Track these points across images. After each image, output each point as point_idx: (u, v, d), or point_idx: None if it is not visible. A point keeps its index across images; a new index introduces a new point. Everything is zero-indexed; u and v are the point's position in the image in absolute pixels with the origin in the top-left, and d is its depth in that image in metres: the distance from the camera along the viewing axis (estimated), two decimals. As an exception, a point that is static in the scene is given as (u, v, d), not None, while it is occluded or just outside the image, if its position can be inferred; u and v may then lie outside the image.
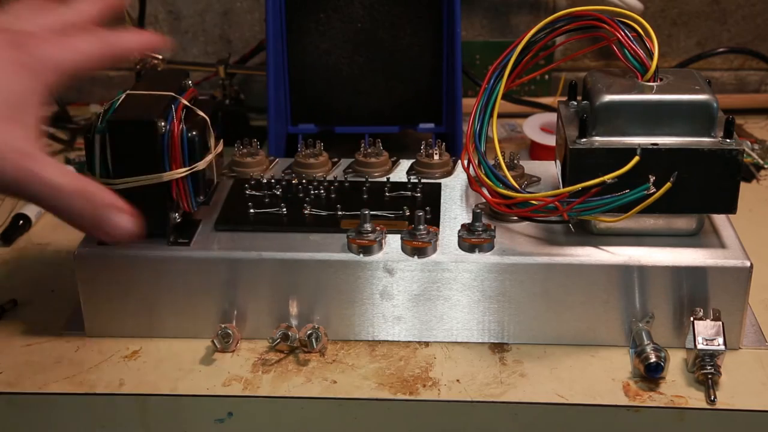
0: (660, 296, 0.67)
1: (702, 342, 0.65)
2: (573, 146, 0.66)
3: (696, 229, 0.69)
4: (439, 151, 0.80)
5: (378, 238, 0.68)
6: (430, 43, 0.94)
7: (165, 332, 0.70)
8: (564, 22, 0.69)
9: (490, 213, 0.72)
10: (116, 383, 0.67)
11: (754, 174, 0.97)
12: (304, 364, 0.68)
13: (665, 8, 1.11)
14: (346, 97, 0.95)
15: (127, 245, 0.69)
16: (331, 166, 0.80)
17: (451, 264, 0.68)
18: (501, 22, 1.13)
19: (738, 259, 0.67)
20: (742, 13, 1.11)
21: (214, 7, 1.13)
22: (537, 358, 0.68)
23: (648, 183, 0.63)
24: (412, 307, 0.69)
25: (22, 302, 0.76)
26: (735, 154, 0.65)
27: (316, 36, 0.93)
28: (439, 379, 0.66)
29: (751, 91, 1.16)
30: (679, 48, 1.13)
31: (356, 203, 0.73)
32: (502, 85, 0.70)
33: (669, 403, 0.64)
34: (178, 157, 0.67)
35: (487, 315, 0.69)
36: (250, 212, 0.73)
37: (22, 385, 0.67)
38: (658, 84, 0.68)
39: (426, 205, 0.72)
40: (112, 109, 0.67)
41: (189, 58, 1.15)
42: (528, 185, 0.76)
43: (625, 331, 0.69)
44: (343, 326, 0.70)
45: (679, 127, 0.66)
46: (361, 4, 0.92)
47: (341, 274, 0.68)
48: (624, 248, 0.68)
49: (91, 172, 0.67)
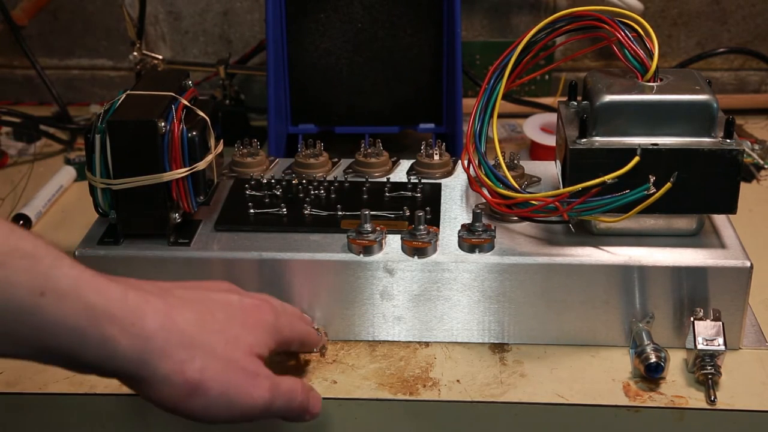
0: (660, 296, 0.67)
1: (702, 342, 0.65)
2: (573, 146, 0.66)
3: (696, 229, 0.69)
4: (439, 151, 0.80)
5: (378, 238, 0.68)
6: (430, 43, 0.94)
7: (165, 332, 0.70)
8: (564, 23, 0.69)
9: (490, 213, 0.72)
10: (116, 383, 0.66)
11: (754, 174, 0.97)
12: (304, 364, 0.68)
13: (665, 8, 1.11)
14: (346, 97, 0.95)
15: (127, 245, 0.69)
16: (331, 166, 0.80)
17: (451, 264, 0.68)
18: (501, 22, 1.13)
19: (738, 259, 0.67)
20: (742, 13, 1.11)
21: (214, 7, 1.13)
22: (537, 358, 0.68)
23: (648, 183, 0.63)
24: (412, 307, 0.69)
25: (22, 302, 0.76)
26: (735, 154, 0.65)
27: (316, 36, 0.93)
28: (439, 379, 0.66)
29: (751, 91, 1.16)
30: (679, 48, 1.13)
31: (356, 203, 0.73)
32: (502, 85, 0.70)
33: (669, 403, 0.64)
34: (178, 157, 0.67)
35: (487, 315, 0.69)
36: (250, 212, 0.73)
37: (22, 385, 0.67)
38: (658, 84, 0.68)
39: (426, 205, 0.72)
40: (112, 109, 0.67)
41: (189, 58, 1.15)
42: (528, 185, 0.76)
43: (625, 331, 0.69)
44: (343, 326, 0.70)
45: (679, 127, 0.66)
46: (361, 4, 0.92)
47: (341, 274, 0.68)
48: (624, 248, 0.68)
49: (91, 172, 0.68)
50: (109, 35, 1.15)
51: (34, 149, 1.05)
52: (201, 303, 0.56)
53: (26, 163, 1.02)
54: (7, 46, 1.15)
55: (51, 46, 1.16)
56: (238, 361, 0.54)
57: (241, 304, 0.58)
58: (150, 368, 0.51)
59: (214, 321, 0.55)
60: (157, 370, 0.51)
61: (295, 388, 0.57)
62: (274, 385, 0.55)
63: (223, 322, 0.55)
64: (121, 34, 1.13)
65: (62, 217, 0.91)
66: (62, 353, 0.49)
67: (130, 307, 0.50)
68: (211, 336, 0.53)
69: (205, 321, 0.54)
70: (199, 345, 0.53)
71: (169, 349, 0.51)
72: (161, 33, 1.14)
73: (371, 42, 0.93)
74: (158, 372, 0.51)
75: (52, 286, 0.47)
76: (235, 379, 0.53)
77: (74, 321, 0.48)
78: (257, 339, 0.56)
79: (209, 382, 0.52)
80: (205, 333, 0.53)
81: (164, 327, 0.51)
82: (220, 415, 0.53)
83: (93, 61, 1.17)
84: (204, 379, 0.52)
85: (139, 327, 0.50)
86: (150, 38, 1.13)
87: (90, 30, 1.15)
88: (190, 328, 0.53)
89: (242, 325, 0.56)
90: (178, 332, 0.52)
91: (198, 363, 0.52)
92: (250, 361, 0.55)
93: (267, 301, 0.60)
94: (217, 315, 0.55)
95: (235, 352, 0.54)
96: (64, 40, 1.16)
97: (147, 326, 0.51)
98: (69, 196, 0.95)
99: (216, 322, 0.55)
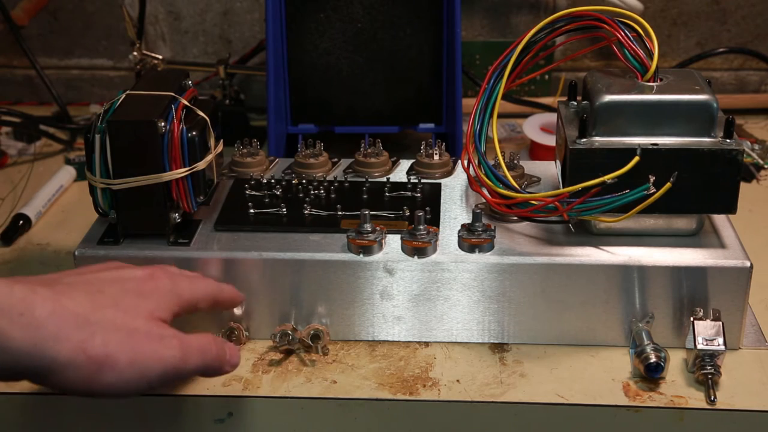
0: (660, 296, 0.67)
1: (702, 342, 0.65)
2: (573, 146, 0.66)
3: (696, 229, 0.69)
4: (439, 151, 0.80)
5: (378, 238, 0.68)
6: (430, 43, 0.94)
7: (165, 332, 0.70)
8: (564, 23, 0.69)
9: (490, 213, 0.72)
10: (116, 383, 0.66)
11: (754, 174, 0.97)
12: (304, 364, 0.68)
13: (665, 8, 1.11)
14: (346, 97, 0.95)
15: (127, 245, 0.69)
16: (331, 166, 0.80)
17: (451, 264, 0.68)
18: (501, 22, 1.13)
19: (738, 259, 0.67)
20: (742, 13, 1.11)
21: (214, 7, 1.13)
22: (537, 358, 0.68)
23: (648, 183, 0.63)
24: (412, 307, 0.69)
25: (22, 302, 0.76)
26: (735, 154, 0.65)
27: (316, 36, 0.93)
28: (439, 379, 0.66)
29: (751, 91, 1.16)
30: (679, 48, 1.13)
31: (356, 203, 0.73)
32: (502, 85, 0.70)
33: (669, 403, 0.64)
34: (178, 157, 0.67)
35: (487, 315, 0.69)
36: (250, 212, 0.73)
37: (22, 385, 0.67)
38: (658, 84, 0.68)
39: (426, 205, 0.72)
40: (112, 109, 0.67)
41: (189, 58, 1.15)
42: (528, 185, 0.76)
43: (625, 331, 0.69)
44: (343, 326, 0.70)
45: (679, 127, 0.66)
46: (361, 4, 0.92)
47: (341, 274, 0.68)
48: (624, 248, 0.68)
49: (91, 172, 0.68)
50: (109, 35, 1.15)
51: (34, 149, 1.05)
52: (90, 284, 0.55)
53: (26, 163, 1.02)
54: (7, 46, 1.15)
55: (51, 46, 1.16)
56: (140, 328, 0.53)
57: (133, 275, 0.57)
58: (48, 356, 0.50)
59: (106, 297, 0.54)
60: (57, 356, 0.50)
61: (206, 341, 0.56)
62: (183, 343, 0.55)
63: (116, 296, 0.54)
64: (120, 34, 1.13)
65: (62, 217, 0.91)
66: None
67: (17, 298, 0.50)
68: (105, 311, 0.53)
69: (96, 299, 0.53)
70: (96, 321, 0.52)
71: (64, 332, 0.50)
72: (161, 33, 1.14)
73: (371, 42, 0.93)
74: (59, 358, 0.50)
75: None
76: (140, 345, 0.53)
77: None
78: (157, 304, 0.56)
79: (115, 354, 0.51)
80: (99, 309, 0.53)
81: (55, 312, 0.51)
82: (135, 385, 0.52)
83: (93, 61, 1.17)
84: (109, 352, 0.51)
85: (28, 317, 0.49)
86: (150, 38, 1.13)
87: (90, 30, 1.15)
88: (82, 309, 0.52)
89: (137, 294, 0.55)
90: (71, 315, 0.51)
91: (98, 338, 0.51)
92: (153, 325, 0.54)
93: (161, 268, 0.59)
94: (109, 291, 0.54)
95: (136, 320, 0.54)
96: (63, 40, 1.16)
97: (37, 314, 0.50)
98: (69, 196, 0.95)
99: (108, 297, 0.54)
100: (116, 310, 0.53)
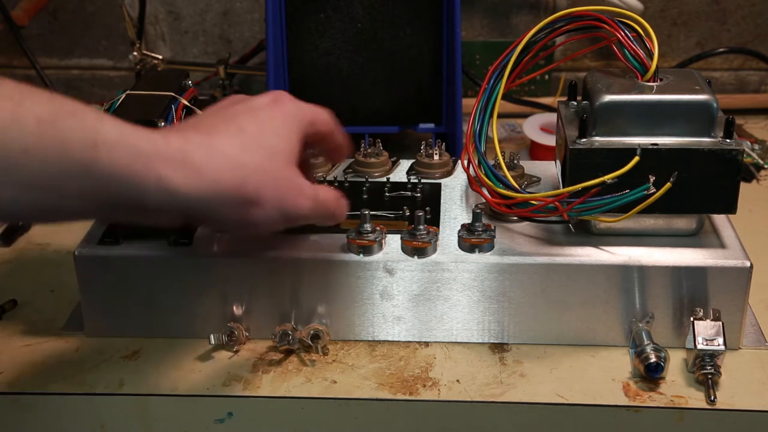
0: (660, 296, 0.67)
1: (702, 342, 0.65)
2: (573, 146, 0.66)
3: (696, 229, 0.69)
4: (439, 151, 0.80)
5: (378, 238, 0.68)
6: (430, 43, 0.94)
7: (165, 332, 0.70)
8: (564, 23, 0.69)
9: (490, 213, 0.72)
10: (116, 383, 0.67)
11: (754, 174, 0.97)
12: (304, 364, 0.68)
13: (665, 8, 1.11)
14: (346, 97, 0.95)
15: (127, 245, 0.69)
16: (331, 166, 0.80)
17: (451, 264, 0.68)
18: (501, 22, 1.13)
19: (738, 259, 0.67)
20: (742, 13, 1.12)
21: (214, 7, 1.13)
22: (537, 358, 0.68)
23: (648, 183, 0.63)
24: (412, 307, 0.69)
25: (22, 302, 0.76)
26: (735, 154, 0.65)
27: (316, 36, 0.93)
28: (439, 379, 0.66)
29: (751, 91, 1.16)
30: (679, 48, 1.13)
31: (356, 203, 0.73)
32: (502, 85, 0.70)
33: (669, 403, 0.64)
34: (178, 157, 0.67)
35: (487, 315, 0.69)
36: (250, 212, 0.73)
37: (22, 385, 0.67)
38: (658, 84, 0.68)
39: (426, 205, 0.72)
40: (112, 109, 0.67)
41: (189, 58, 1.15)
42: (528, 185, 0.76)
43: (625, 331, 0.69)
44: (343, 326, 0.70)
45: (679, 127, 0.66)
46: (361, 4, 0.92)
47: (341, 274, 0.68)
48: (624, 248, 0.68)
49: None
50: (109, 35, 1.15)
51: (34, 149, 1.04)
52: (229, 122, 0.58)
53: (26, 163, 1.02)
54: (7, 46, 1.15)
55: (51, 46, 1.16)
56: (284, 176, 0.58)
57: (261, 104, 0.61)
58: (209, 199, 0.54)
59: (247, 136, 0.57)
60: (216, 197, 0.54)
61: (330, 197, 0.62)
62: (315, 195, 0.60)
63: (256, 134, 0.58)
64: (121, 34, 1.13)
65: (62, 217, 0.91)
66: (127, 203, 0.52)
67: (174, 147, 0.53)
68: (253, 154, 0.57)
69: (242, 140, 0.57)
70: (247, 164, 0.56)
71: (222, 176, 0.54)
72: (161, 33, 1.14)
73: (371, 42, 0.93)
74: (217, 199, 0.54)
75: (102, 138, 0.50)
76: (284, 191, 0.58)
77: (129, 167, 0.51)
78: (291, 144, 0.60)
79: (264, 196, 0.57)
80: (247, 152, 0.56)
81: (211, 158, 0.54)
82: (275, 223, 0.58)
83: (93, 61, 1.17)
84: (260, 194, 0.56)
85: (190, 165, 0.53)
86: (150, 38, 1.13)
87: (90, 30, 1.15)
88: (233, 151, 0.56)
89: (271, 126, 0.59)
90: (225, 158, 0.55)
91: (251, 181, 0.56)
92: (293, 174, 0.59)
93: (280, 92, 0.64)
94: (249, 129, 0.58)
95: (278, 165, 0.58)
96: (64, 40, 1.16)
97: (196, 162, 0.53)
98: (69, 196, 0.95)
99: (250, 136, 0.57)
100: (261, 153, 0.57)
